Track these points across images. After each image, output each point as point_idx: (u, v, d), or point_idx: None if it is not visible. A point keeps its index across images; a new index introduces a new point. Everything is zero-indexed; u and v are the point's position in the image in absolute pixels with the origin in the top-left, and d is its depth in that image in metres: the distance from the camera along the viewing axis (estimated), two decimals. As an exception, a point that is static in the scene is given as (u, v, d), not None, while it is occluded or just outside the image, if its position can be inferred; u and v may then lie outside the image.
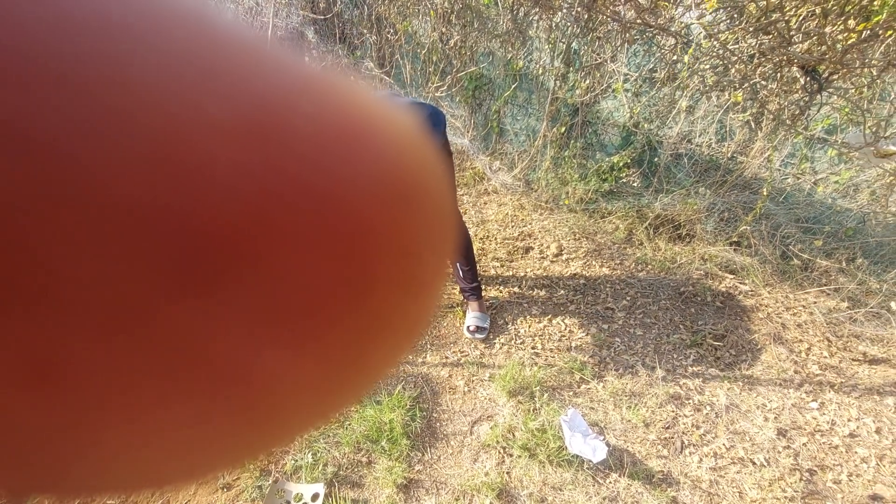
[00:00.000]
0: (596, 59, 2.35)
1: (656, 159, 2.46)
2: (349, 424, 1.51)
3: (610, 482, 1.41)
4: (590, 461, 1.38)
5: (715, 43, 1.81)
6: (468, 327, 1.91)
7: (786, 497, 1.40)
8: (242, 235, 0.08)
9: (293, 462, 1.41)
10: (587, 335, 1.92)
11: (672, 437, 1.53)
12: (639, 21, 1.68)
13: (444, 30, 2.72)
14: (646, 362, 1.79)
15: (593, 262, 2.39)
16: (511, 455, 1.45)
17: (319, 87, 0.10)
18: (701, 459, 1.49)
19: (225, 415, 0.10)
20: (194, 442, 0.10)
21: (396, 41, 2.98)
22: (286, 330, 0.09)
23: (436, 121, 1.70)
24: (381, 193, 0.10)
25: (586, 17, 1.96)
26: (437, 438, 1.51)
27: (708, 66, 2.00)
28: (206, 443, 0.10)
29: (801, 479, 1.45)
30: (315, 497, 1.30)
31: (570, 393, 1.65)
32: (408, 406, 1.55)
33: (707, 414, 1.63)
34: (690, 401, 1.66)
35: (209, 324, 0.09)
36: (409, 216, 0.11)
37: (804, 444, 1.55)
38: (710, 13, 1.72)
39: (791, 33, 1.66)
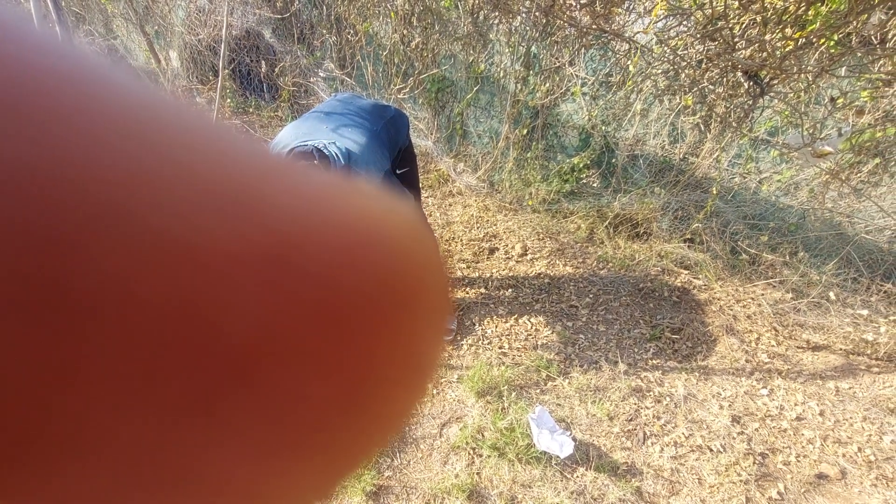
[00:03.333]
0: (555, 63, 2.40)
1: (614, 160, 2.54)
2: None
3: (577, 476, 1.43)
4: (557, 457, 1.41)
5: (665, 49, 1.89)
6: (435, 329, 1.91)
7: (741, 480, 1.47)
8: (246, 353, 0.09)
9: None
10: (553, 333, 1.95)
11: (635, 429, 1.58)
12: (594, 26, 1.73)
13: (405, 32, 2.71)
14: (609, 357, 1.84)
15: (557, 262, 2.44)
16: (481, 455, 1.45)
17: (328, 190, 0.11)
18: (662, 449, 1.55)
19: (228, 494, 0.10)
20: None
21: (357, 42, 2.95)
22: (289, 445, 0.10)
23: (399, 123, 1.69)
24: (391, 300, 0.11)
25: (544, 21, 2.00)
26: (407, 443, 1.49)
27: (660, 71, 2.09)
28: None
29: (754, 463, 1.52)
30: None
31: (538, 391, 1.68)
32: (376, 411, 1.53)
33: (667, 405, 1.69)
34: (651, 393, 1.72)
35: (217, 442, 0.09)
36: (415, 313, 0.12)
37: (756, 430, 1.64)
38: (660, 20, 1.80)
39: (735, 40, 1.76)
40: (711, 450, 1.57)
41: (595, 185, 2.68)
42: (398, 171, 1.68)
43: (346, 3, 2.84)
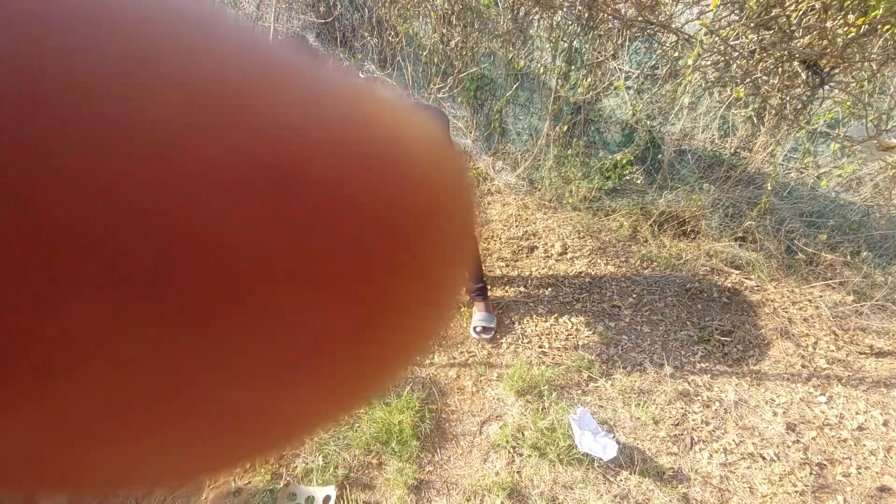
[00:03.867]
0: (597, 58, 2.35)
1: (660, 156, 2.46)
2: (359, 426, 1.52)
3: (621, 480, 1.41)
4: (600, 459, 1.39)
5: (716, 39, 1.82)
6: (475, 328, 1.91)
7: (796, 491, 1.40)
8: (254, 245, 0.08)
9: (304, 465, 1.42)
10: (594, 333, 1.92)
11: (682, 434, 1.53)
12: (639, 18, 1.69)
13: (444, 31, 2.72)
14: (654, 359, 1.79)
15: (598, 261, 2.39)
16: (521, 454, 1.45)
17: (343, 94, 0.10)
18: (711, 455, 1.49)
19: (231, 413, 0.10)
20: (199, 440, 0.10)
21: (398, 43, 2.99)
22: (304, 335, 0.09)
23: (441, 123, 1.71)
24: (409, 220, 0.10)
25: (587, 15, 1.96)
26: (447, 439, 1.51)
27: (709, 63, 2.01)
28: (210, 441, 0.10)
29: (810, 474, 1.45)
30: (327, 500, 1.31)
31: (579, 391, 1.66)
32: (417, 407, 1.56)
33: (716, 410, 1.63)
34: (699, 397, 1.66)
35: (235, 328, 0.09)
36: (435, 238, 0.11)
37: (813, 439, 1.55)
38: (711, 9, 1.72)
39: (792, 28, 1.67)
40: (764, 458, 1.50)
41: (639, 181, 2.60)
42: None
43: (388, 5, 2.88)
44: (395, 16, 2.89)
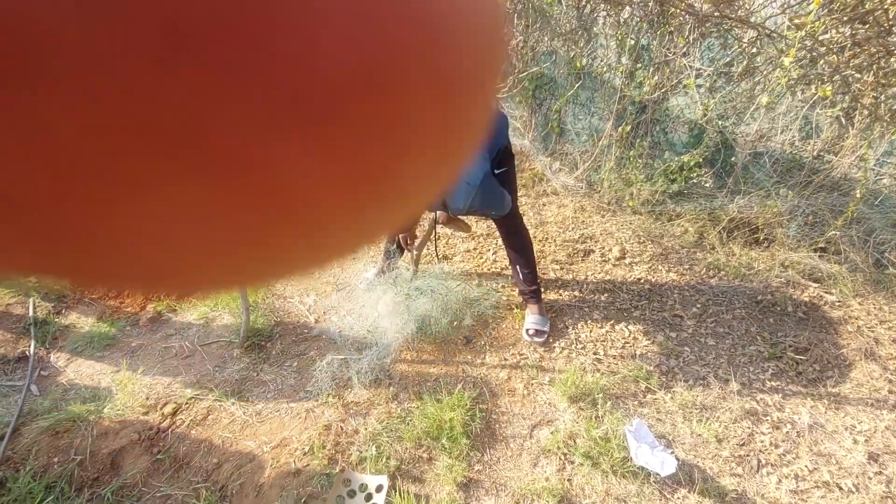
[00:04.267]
0: (666, 55, 2.25)
1: (732, 158, 2.32)
2: (410, 420, 1.55)
3: (678, 498, 1.35)
4: (657, 474, 1.34)
5: (801, 34, 1.69)
6: (527, 330, 1.90)
7: (880, 529, 1.28)
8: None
9: (358, 453, 1.47)
10: (653, 343, 1.84)
11: (748, 455, 1.44)
12: (716, 14, 1.60)
13: (505, 31, 2.71)
14: (718, 374, 1.70)
15: (659, 267, 2.30)
16: (572, 462, 1.43)
17: None
18: (780, 481, 1.40)
19: (261, 211, 0.10)
20: (224, 239, 0.11)
21: (457, 43, 3.01)
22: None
23: (501, 124, 1.71)
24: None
25: (658, 11, 1.88)
26: (497, 440, 1.51)
27: (793, 59, 1.86)
28: (238, 241, 0.11)
29: (898, 511, 1.32)
30: (379, 488, 1.35)
31: (635, 402, 1.60)
32: (467, 406, 1.57)
33: (787, 432, 1.52)
34: (768, 417, 1.56)
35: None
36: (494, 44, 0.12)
37: (902, 473, 1.41)
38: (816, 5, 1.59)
39: (890, 23, 1.52)
40: (841, 488, 1.38)
41: (707, 185, 2.47)
42: (496, 172, 1.69)
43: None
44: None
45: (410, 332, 1.89)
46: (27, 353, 1.98)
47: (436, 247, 2.48)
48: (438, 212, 1.85)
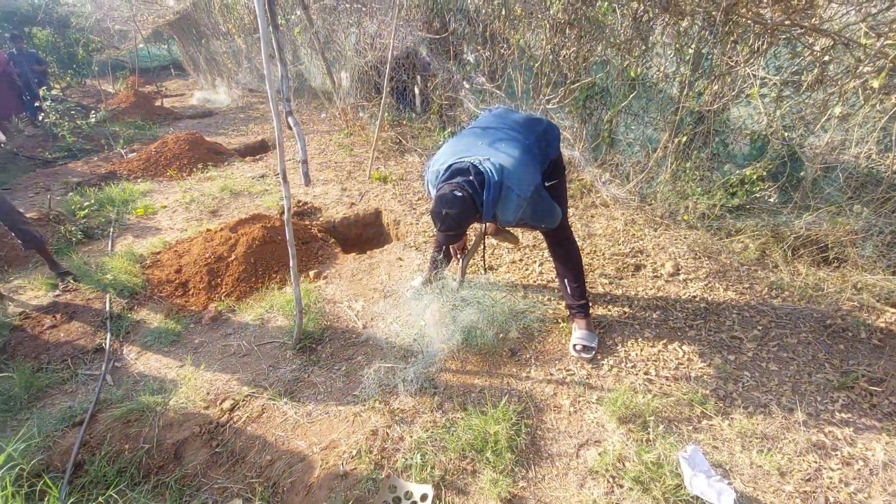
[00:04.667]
0: (728, 64, 2.16)
1: (801, 173, 2.18)
2: (455, 430, 1.56)
3: (736, 531, 1.28)
4: (712, 505, 1.27)
5: (882, 42, 1.58)
6: (574, 345, 1.86)
7: (971, 586, 1.16)
8: None
9: (403, 460, 1.49)
10: (709, 365, 1.76)
11: (814, 492, 1.35)
12: (787, 22, 1.52)
13: (557, 41, 2.69)
14: (782, 402, 1.59)
15: (717, 285, 2.19)
16: (621, 486, 1.38)
17: None
18: (852, 523, 1.29)
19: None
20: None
21: (509, 55, 3.01)
22: None
23: (550, 136, 1.70)
24: None
25: (722, 20, 1.81)
26: (542, 457, 1.49)
27: (872, 68, 1.74)
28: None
29: None
30: (424, 497, 1.37)
31: (689, 427, 1.53)
32: (512, 420, 1.56)
33: (859, 469, 1.41)
34: (838, 452, 1.45)
35: None
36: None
37: None
38: (876, 8, 1.49)
39: None
40: (925, 537, 1.26)
41: (771, 199, 2.33)
42: (547, 184, 1.68)
43: (501, 19, 2.92)
44: (508, 28, 2.92)
45: (456, 343, 1.90)
46: (103, 345, 2.15)
47: (483, 258, 2.48)
48: (487, 223, 1.86)
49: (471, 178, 1.46)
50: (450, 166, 1.54)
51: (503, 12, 2.90)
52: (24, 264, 2.90)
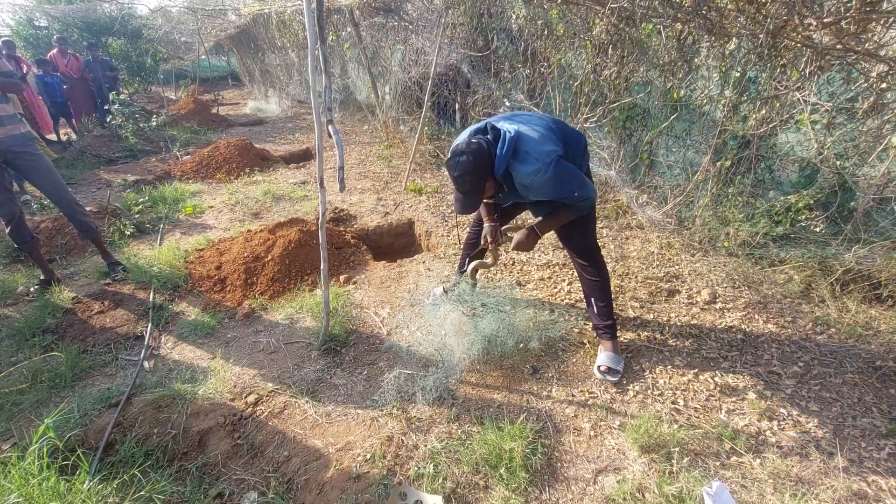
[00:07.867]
0: (776, 88, 2.09)
1: (852, 203, 2.07)
2: (470, 444, 1.54)
3: (762, 579, 1.19)
4: (737, 547, 1.20)
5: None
6: (599, 367, 1.82)
7: None
8: None
9: (416, 468, 1.48)
10: (743, 400, 1.67)
11: (853, 545, 1.24)
12: (839, 46, 1.46)
13: (598, 61, 2.68)
14: (821, 445, 1.49)
15: (756, 316, 2.08)
16: (639, 516, 1.32)
17: None
18: (896, 584, 1.18)
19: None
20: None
21: (549, 74, 3.03)
22: None
23: (574, 137, 1.69)
24: None
25: (770, 43, 1.77)
26: (557, 479, 1.45)
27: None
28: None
29: None
30: (433, 508, 1.35)
31: (717, 462, 1.45)
32: (529, 438, 1.53)
33: (908, 527, 1.29)
34: (881, 503, 1.33)
35: None
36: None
37: None
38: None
39: None
40: None
41: (819, 230, 2.22)
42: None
43: (543, 38, 2.95)
44: (550, 47, 2.94)
45: (477, 351, 1.89)
46: (143, 333, 2.27)
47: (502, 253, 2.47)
48: (489, 225, 1.88)
49: (487, 135, 1.60)
50: (471, 132, 1.67)
51: (545, 31, 2.93)
52: (81, 253, 3.11)
